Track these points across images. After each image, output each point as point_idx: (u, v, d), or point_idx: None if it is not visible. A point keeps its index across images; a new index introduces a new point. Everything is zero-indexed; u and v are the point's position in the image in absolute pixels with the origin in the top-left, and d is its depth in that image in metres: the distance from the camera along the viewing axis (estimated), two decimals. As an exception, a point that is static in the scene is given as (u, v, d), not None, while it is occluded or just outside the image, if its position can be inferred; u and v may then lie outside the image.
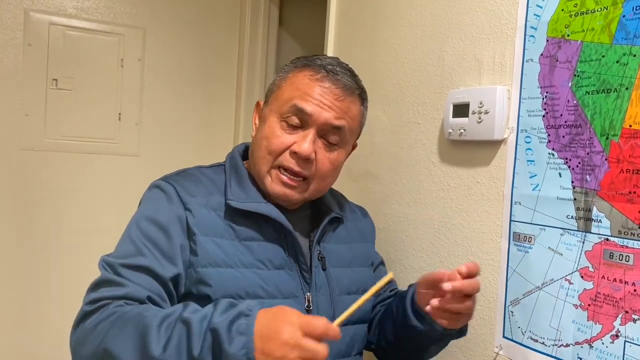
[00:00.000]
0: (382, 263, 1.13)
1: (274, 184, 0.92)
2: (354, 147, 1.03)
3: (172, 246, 0.84)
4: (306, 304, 0.90)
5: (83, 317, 0.78)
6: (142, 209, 0.90)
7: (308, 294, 0.91)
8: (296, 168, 0.90)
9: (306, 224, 1.00)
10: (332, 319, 0.91)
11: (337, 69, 0.92)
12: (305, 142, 0.89)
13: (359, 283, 1.00)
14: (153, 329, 0.69)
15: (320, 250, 0.96)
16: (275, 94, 0.95)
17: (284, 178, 0.91)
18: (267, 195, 0.94)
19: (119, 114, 2.13)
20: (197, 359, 0.67)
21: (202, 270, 0.84)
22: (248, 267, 0.87)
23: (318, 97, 0.90)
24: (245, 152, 1.02)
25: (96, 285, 0.81)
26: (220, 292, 0.83)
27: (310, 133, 0.90)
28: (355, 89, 0.94)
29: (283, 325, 0.66)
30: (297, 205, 0.99)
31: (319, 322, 0.66)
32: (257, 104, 1.01)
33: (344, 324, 0.94)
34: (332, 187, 1.05)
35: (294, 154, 0.89)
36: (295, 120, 0.90)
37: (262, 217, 0.90)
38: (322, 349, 0.65)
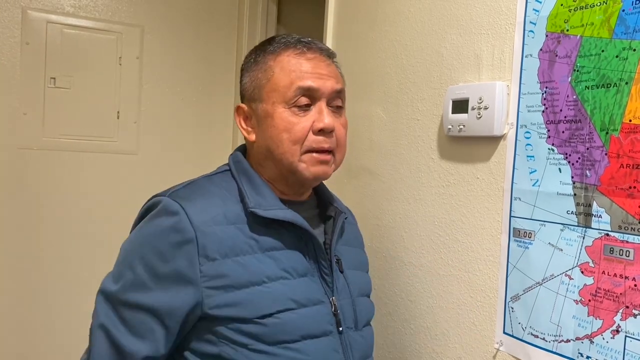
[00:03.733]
0: None
1: (311, 167, 0.89)
2: None
3: (180, 270, 0.81)
4: (332, 308, 0.88)
5: None
6: (146, 236, 0.84)
7: (333, 297, 0.89)
8: (326, 145, 0.89)
9: (317, 225, 0.97)
10: (354, 321, 0.92)
11: (308, 38, 0.93)
12: (324, 116, 0.88)
13: (367, 285, 1.01)
14: None
15: (335, 253, 0.95)
16: (267, 88, 0.90)
17: (320, 157, 0.89)
18: (281, 198, 0.91)
19: (118, 112, 2.12)
20: None
21: (228, 295, 0.81)
22: (274, 279, 0.84)
23: (314, 70, 0.89)
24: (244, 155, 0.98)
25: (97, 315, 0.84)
26: (251, 311, 0.81)
27: (323, 106, 0.89)
28: (329, 51, 0.96)
29: None
30: (307, 194, 0.99)
31: None
32: (238, 107, 0.96)
33: (364, 325, 0.95)
34: (327, 187, 1.05)
35: (320, 131, 0.88)
36: (304, 100, 0.88)
37: (282, 224, 0.87)
38: None
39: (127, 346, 0.80)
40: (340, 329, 0.88)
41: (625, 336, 0.75)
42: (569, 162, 0.84)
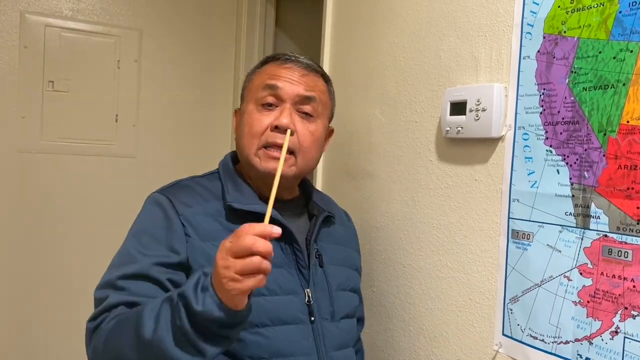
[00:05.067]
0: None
1: (264, 162, 0.95)
2: (331, 132, 1.08)
3: (171, 241, 0.88)
4: (306, 299, 0.94)
5: (89, 336, 0.83)
6: (138, 223, 0.93)
7: (307, 289, 0.95)
8: (279, 140, 0.93)
9: (302, 224, 1.03)
10: (331, 313, 0.98)
11: (299, 56, 1.01)
12: (282, 115, 0.94)
13: (351, 281, 1.06)
14: (143, 316, 0.75)
15: (317, 249, 1.00)
16: (247, 90, 1.01)
17: (273, 153, 0.94)
18: (262, 197, 0.97)
19: (116, 115, 2.12)
20: (181, 329, 0.72)
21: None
22: None
23: (285, 75, 0.97)
24: (236, 158, 1.05)
25: (97, 301, 0.86)
26: None
27: (286, 107, 0.95)
28: (317, 69, 1.02)
29: (217, 259, 0.72)
30: (290, 194, 1.05)
31: (244, 242, 0.69)
32: (235, 111, 1.07)
33: (343, 317, 1.01)
34: (325, 189, 1.08)
35: (276, 127, 0.94)
36: (270, 99, 0.96)
37: (260, 218, 0.91)
38: (252, 262, 0.69)
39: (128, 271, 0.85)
40: (313, 318, 0.94)
41: (625, 337, 0.75)
42: (567, 163, 0.84)
